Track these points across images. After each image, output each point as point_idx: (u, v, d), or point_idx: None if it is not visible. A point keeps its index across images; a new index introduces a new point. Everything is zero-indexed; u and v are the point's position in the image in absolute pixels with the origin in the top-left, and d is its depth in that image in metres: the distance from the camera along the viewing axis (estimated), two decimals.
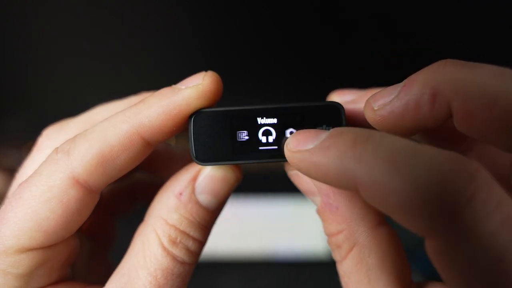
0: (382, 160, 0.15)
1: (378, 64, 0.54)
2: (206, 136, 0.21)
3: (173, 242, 0.20)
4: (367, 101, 0.20)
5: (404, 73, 0.19)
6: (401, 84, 0.19)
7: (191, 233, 0.21)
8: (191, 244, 0.21)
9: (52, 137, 0.24)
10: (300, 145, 0.17)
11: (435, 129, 0.19)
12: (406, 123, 0.18)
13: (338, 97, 0.24)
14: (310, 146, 0.17)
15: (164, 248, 0.20)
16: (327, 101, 0.21)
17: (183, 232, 0.21)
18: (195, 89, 0.20)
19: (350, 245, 0.20)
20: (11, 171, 0.30)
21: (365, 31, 0.52)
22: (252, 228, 0.62)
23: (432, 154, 0.14)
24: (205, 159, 0.21)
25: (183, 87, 0.20)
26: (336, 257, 0.20)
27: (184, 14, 0.53)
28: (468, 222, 0.13)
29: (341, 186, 0.16)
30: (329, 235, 0.21)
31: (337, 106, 0.21)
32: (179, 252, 0.20)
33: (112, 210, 0.30)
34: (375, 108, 0.19)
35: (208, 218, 0.21)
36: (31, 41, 0.54)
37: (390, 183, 0.14)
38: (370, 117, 0.19)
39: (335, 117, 0.20)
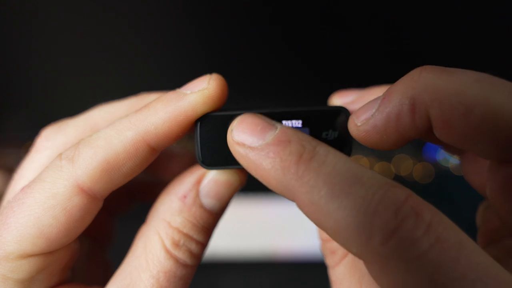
0: (322, 183, 0.15)
1: (379, 62, 0.54)
2: (212, 140, 0.20)
3: (176, 244, 0.20)
4: (350, 117, 0.19)
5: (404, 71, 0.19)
6: (381, 96, 0.18)
7: (194, 236, 0.21)
8: (194, 247, 0.21)
9: (51, 138, 0.23)
10: (245, 138, 0.17)
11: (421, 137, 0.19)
12: (390, 136, 0.18)
13: (339, 99, 0.24)
14: (255, 143, 0.17)
15: (167, 251, 0.20)
16: (333, 106, 0.21)
17: (187, 235, 0.20)
18: (201, 94, 0.19)
19: (344, 252, 0.20)
20: (11, 171, 0.30)
21: (365, 30, 0.52)
22: (252, 228, 0.62)
23: (368, 183, 0.15)
24: (211, 163, 0.21)
25: (188, 91, 0.20)
26: (329, 262, 0.21)
27: (185, 14, 0.53)
28: (395, 250, 0.14)
29: (279, 193, 0.17)
30: (324, 240, 0.21)
31: (343, 111, 0.20)
32: (182, 255, 0.20)
33: (111, 209, 0.29)
34: (358, 124, 0.19)
35: (211, 221, 0.21)
36: (31, 41, 0.54)
37: (327, 207, 0.15)
38: (354, 133, 0.19)
39: (341, 122, 0.20)
